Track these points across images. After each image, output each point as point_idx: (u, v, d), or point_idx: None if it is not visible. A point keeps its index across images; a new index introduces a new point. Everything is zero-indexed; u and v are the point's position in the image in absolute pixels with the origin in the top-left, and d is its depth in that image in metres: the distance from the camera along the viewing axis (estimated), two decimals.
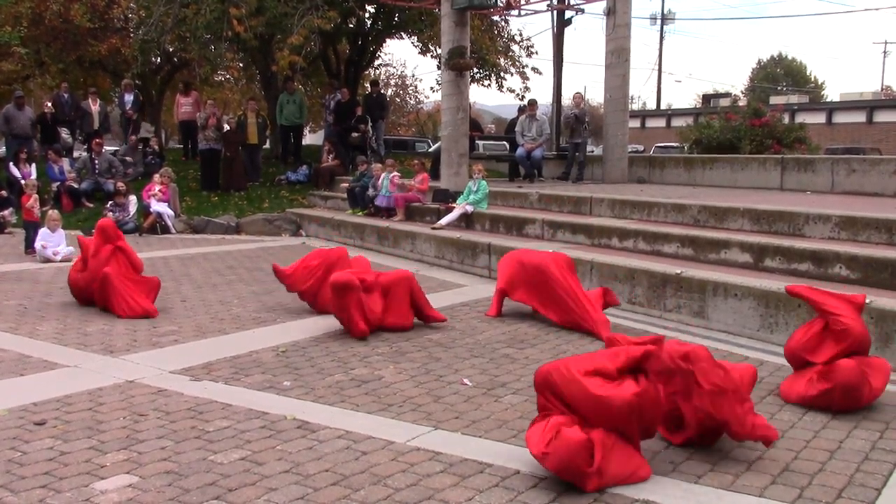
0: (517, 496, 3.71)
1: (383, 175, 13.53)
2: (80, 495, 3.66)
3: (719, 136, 18.73)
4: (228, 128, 17.09)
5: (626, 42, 14.40)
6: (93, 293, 7.77)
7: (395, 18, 20.89)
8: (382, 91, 23.31)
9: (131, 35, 21.74)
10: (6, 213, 13.75)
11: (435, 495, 3.71)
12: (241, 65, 23.85)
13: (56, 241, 10.89)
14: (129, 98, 18.81)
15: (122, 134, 18.69)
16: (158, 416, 4.72)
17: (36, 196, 11.94)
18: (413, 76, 55.87)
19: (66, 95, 18.06)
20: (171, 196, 14.59)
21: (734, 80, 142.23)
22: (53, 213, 11.17)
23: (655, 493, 3.77)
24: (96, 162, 16.00)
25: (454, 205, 11.90)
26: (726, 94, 48.07)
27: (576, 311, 6.96)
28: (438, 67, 18.46)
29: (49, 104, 17.83)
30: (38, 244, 10.81)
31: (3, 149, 17.39)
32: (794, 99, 43.63)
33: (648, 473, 3.93)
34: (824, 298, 5.24)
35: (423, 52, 23.33)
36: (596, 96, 44.13)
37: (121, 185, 14.40)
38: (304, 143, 21.13)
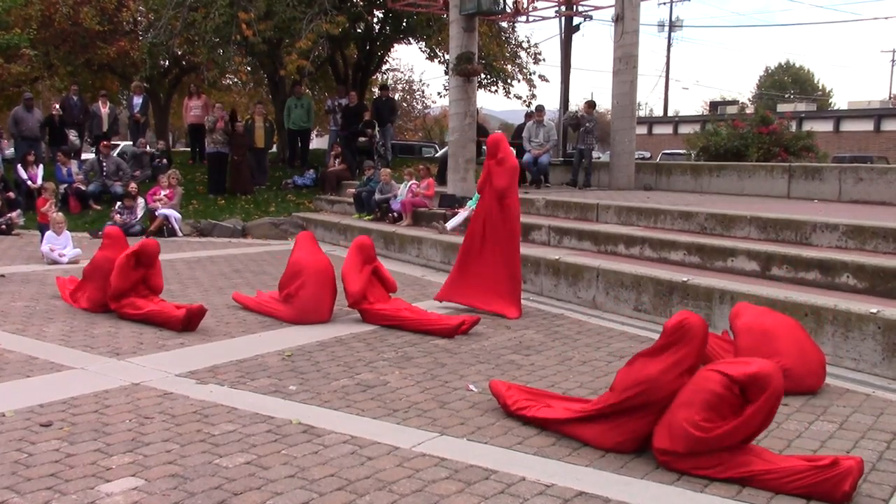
0: (523, 503, 3.71)
1: (403, 184, 13.55)
2: (86, 497, 3.66)
3: (726, 144, 18.67)
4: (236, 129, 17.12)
5: (633, 49, 14.39)
6: None
7: (404, 24, 20.92)
8: (391, 95, 23.32)
9: (140, 38, 21.82)
10: (14, 214, 13.79)
11: (440, 501, 3.70)
12: (248, 69, 23.85)
13: (62, 244, 10.92)
14: (137, 101, 18.88)
15: (130, 137, 18.75)
16: (164, 420, 4.72)
17: (52, 199, 11.95)
18: (420, 81, 55.75)
19: (75, 98, 18.13)
20: (175, 198, 14.60)
21: (741, 88, 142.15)
22: (57, 216, 11.16)
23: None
24: (104, 164, 16.06)
25: (461, 209, 11.90)
26: (733, 102, 47.95)
27: None
28: (446, 73, 18.49)
29: (57, 106, 17.89)
30: (44, 247, 10.84)
31: (12, 150, 17.46)
32: (801, 107, 43.60)
33: None
34: None
35: (431, 57, 23.34)
36: (603, 103, 44.14)
37: (132, 187, 14.45)
38: (311, 146, 21.17)
